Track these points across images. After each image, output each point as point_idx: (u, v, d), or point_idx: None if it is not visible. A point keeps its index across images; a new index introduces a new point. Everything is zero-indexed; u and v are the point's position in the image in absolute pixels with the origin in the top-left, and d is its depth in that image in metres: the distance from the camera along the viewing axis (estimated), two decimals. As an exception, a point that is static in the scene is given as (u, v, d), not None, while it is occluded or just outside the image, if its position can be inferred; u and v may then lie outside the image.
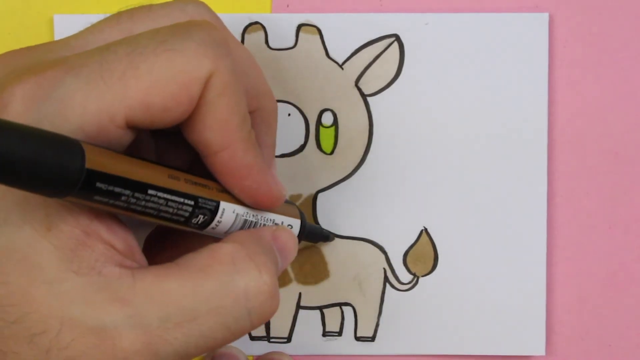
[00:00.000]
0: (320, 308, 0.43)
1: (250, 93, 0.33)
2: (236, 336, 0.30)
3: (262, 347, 0.43)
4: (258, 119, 0.35)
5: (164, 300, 0.29)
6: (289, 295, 0.43)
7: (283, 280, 0.43)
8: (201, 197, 0.31)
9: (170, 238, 0.36)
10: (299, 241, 0.37)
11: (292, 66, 0.42)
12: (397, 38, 0.42)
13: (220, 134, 0.30)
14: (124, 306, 0.28)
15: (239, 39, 0.42)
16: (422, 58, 0.43)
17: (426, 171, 0.43)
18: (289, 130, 0.43)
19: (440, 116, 0.43)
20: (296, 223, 0.37)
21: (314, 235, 0.42)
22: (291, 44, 0.42)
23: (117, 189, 0.28)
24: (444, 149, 0.43)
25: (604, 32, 0.43)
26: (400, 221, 0.43)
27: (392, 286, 0.43)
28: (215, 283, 0.30)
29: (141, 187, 0.29)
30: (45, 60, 0.30)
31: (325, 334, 0.43)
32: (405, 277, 0.43)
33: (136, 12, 0.32)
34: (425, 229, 0.43)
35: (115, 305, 0.28)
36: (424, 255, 0.43)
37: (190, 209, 0.31)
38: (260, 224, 0.34)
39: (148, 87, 0.28)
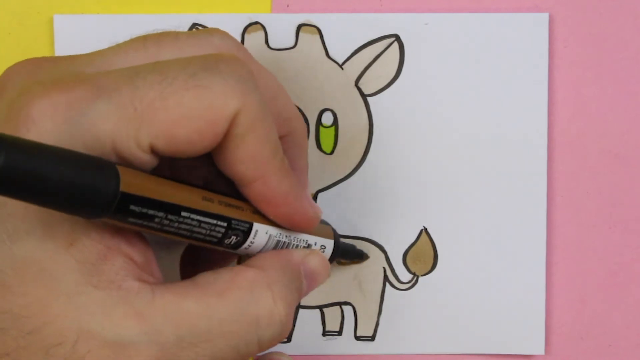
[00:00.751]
0: (320, 307, 0.43)
1: (280, 118, 0.34)
2: (244, 358, 0.31)
3: (262, 347, 0.43)
4: (290, 143, 0.35)
5: (181, 319, 0.29)
6: (289, 295, 0.43)
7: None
8: (234, 219, 0.31)
9: (204, 253, 0.36)
10: (332, 261, 0.37)
11: (292, 66, 0.42)
12: (397, 38, 0.42)
13: (252, 166, 0.31)
14: (141, 322, 0.29)
15: (239, 39, 0.42)
16: (422, 58, 0.43)
17: (426, 171, 0.43)
18: (289, 130, 0.43)
19: (440, 116, 0.43)
20: (329, 243, 0.37)
21: (346, 253, 0.42)
22: (291, 44, 0.42)
23: (151, 212, 0.28)
24: (444, 149, 0.43)
25: (604, 32, 0.43)
26: (400, 221, 0.43)
27: (392, 285, 0.43)
28: (231, 308, 0.30)
29: (175, 209, 0.29)
30: (72, 76, 0.29)
31: (325, 333, 0.44)
32: (405, 276, 0.43)
33: (163, 39, 0.32)
34: (425, 229, 0.43)
35: (133, 321, 0.29)
36: (423, 254, 0.43)
37: (223, 230, 0.31)
38: (293, 244, 0.34)
39: (175, 120, 0.29)
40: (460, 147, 0.43)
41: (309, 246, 0.35)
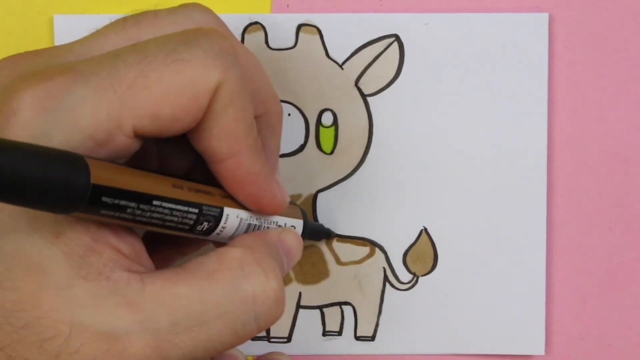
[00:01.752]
0: (320, 307, 0.43)
1: (257, 98, 0.34)
2: (242, 340, 0.31)
3: (262, 347, 0.43)
4: (264, 124, 0.35)
5: (173, 304, 0.29)
6: (289, 294, 0.43)
7: (283, 280, 0.43)
8: (205, 205, 0.31)
9: (169, 238, 0.36)
10: (304, 238, 0.37)
11: (292, 66, 0.42)
12: (397, 38, 0.42)
13: (227, 142, 0.31)
14: (134, 311, 0.29)
15: (239, 39, 0.42)
16: (422, 58, 0.43)
17: (426, 171, 0.43)
18: (289, 130, 0.43)
19: (440, 116, 0.43)
20: (299, 224, 0.37)
21: (315, 233, 0.42)
22: (291, 44, 0.42)
23: (123, 202, 0.28)
24: (444, 149, 0.43)
25: (604, 32, 0.43)
26: (400, 221, 0.43)
27: (392, 286, 0.43)
28: (224, 288, 0.30)
29: (146, 198, 0.29)
30: (52, 66, 0.29)
31: (325, 333, 0.43)
32: (405, 276, 0.43)
33: (142, 18, 0.32)
34: (425, 229, 0.43)
35: (125, 310, 0.28)
36: (423, 254, 0.43)
37: (194, 216, 0.31)
38: (264, 226, 0.34)
39: (157, 98, 0.29)
40: (460, 147, 0.43)
41: (279, 227, 0.35)
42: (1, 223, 0.28)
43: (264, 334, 0.43)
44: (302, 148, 0.43)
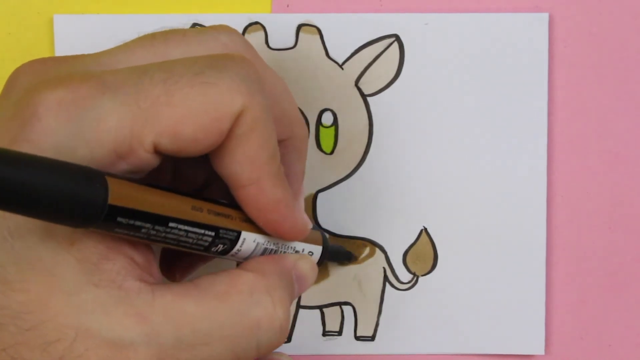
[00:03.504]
0: (320, 307, 0.43)
1: (282, 122, 0.34)
2: None
3: (262, 347, 0.43)
4: (289, 147, 0.35)
5: (180, 321, 0.29)
6: (289, 295, 0.43)
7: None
8: (222, 228, 0.31)
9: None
10: (321, 263, 0.37)
11: (292, 66, 0.42)
12: (397, 38, 0.42)
13: (249, 168, 0.31)
14: (141, 322, 0.29)
15: (239, 39, 0.42)
16: (422, 58, 0.43)
17: (426, 171, 0.43)
18: (289, 130, 0.43)
19: (440, 116, 0.43)
20: (317, 250, 0.37)
21: (336, 256, 0.42)
22: (291, 44, 0.42)
23: (138, 223, 0.28)
24: (444, 149, 0.43)
25: (604, 32, 0.43)
26: (400, 221, 0.43)
27: (392, 286, 0.43)
28: (232, 311, 0.30)
29: (162, 220, 0.29)
30: (79, 73, 0.29)
31: (325, 333, 0.44)
32: (405, 276, 0.43)
33: (170, 36, 0.32)
34: (425, 229, 0.43)
35: (133, 320, 0.29)
36: (423, 254, 0.43)
37: (210, 239, 0.31)
38: (281, 251, 0.34)
39: (180, 117, 0.29)
40: (460, 147, 0.43)
41: (296, 252, 0.35)
42: (17, 225, 0.28)
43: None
44: (302, 148, 0.43)
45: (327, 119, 0.43)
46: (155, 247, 0.32)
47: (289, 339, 0.43)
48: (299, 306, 0.43)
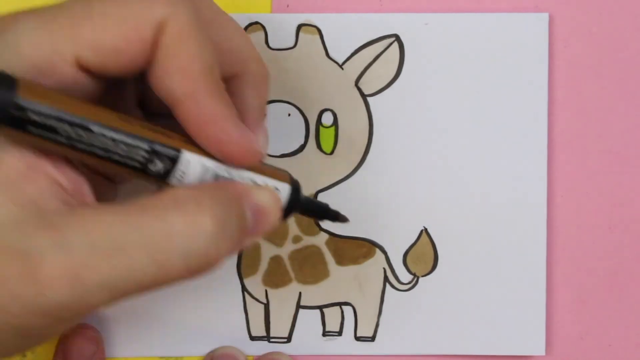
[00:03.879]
0: (320, 308, 0.43)
1: (233, 56, 0.34)
2: (169, 278, 0.29)
3: (262, 347, 0.43)
4: (245, 83, 0.34)
5: (93, 229, 0.28)
6: (289, 294, 0.43)
7: (283, 280, 0.43)
8: (158, 143, 0.30)
9: None
10: (291, 212, 0.35)
11: (292, 66, 0.42)
12: (397, 38, 0.42)
13: (181, 81, 0.30)
14: (52, 233, 0.28)
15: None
16: (422, 58, 0.43)
17: (426, 171, 0.43)
18: (289, 130, 0.43)
19: (440, 116, 0.43)
20: (284, 188, 0.34)
21: (314, 210, 0.37)
22: (291, 44, 0.42)
23: (53, 122, 0.28)
24: (444, 149, 0.43)
25: (604, 32, 0.43)
26: (400, 221, 0.43)
27: (392, 286, 0.43)
28: (151, 219, 0.29)
29: (83, 123, 0.29)
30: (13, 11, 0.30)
31: (325, 333, 0.43)
32: (405, 277, 0.43)
33: None
34: (425, 229, 0.43)
35: (43, 232, 0.28)
36: (424, 255, 0.43)
37: (144, 153, 0.30)
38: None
39: (99, 28, 0.29)
40: (460, 147, 0.43)
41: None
42: None
43: (264, 333, 0.43)
44: (302, 148, 0.43)
45: (327, 119, 0.43)
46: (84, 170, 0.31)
47: (289, 339, 0.43)
48: (299, 306, 0.43)
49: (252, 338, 0.43)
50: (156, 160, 0.30)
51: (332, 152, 0.43)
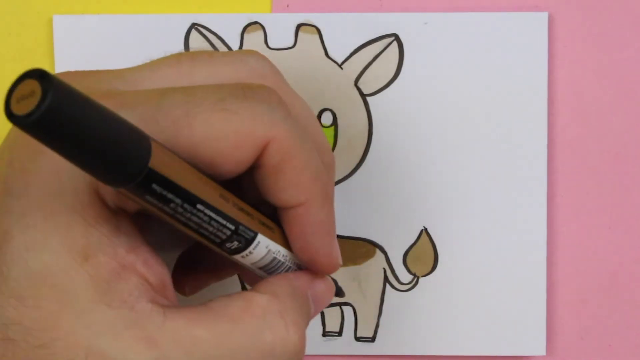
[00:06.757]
0: (320, 308, 0.43)
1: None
2: None
3: (262, 347, 0.43)
4: None
5: (191, 346, 0.29)
6: (288, 295, 0.43)
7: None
8: (242, 225, 0.31)
9: (198, 263, 0.36)
10: (338, 294, 0.37)
11: (292, 66, 0.42)
12: (397, 38, 0.42)
13: (294, 193, 0.31)
14: (151, 346, 0.28)
15: (238, 39, 0.42)
16: (422, 58, 0.43)
17: (426, 171, 0.43)
18: (288, 130, 0.43)
19: (440, 116, 0.43)
20: None
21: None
22: (290, 43, 0.42)
23: (170, 195, 0.28)
24: (444, 149, 0.43)
25: (604, 32, 0.43)
26: (400, 221, 0.43)
27: (392, 286, 0.43)
28: (244, 337, 0.30)
29: (193, 199, 0.28)
30: (100, 90, 0.29)
31: (325, 334, 0.43)
32: (405, 277, 0.43)
33: (197, 57, 0.32)
34: (425, 229, 0.43)
35: (143, 344, 0.28)
36: (424, 255, 0.43)
37: (229, 232, 0.30)
38: (287, 265, 0.34)
39: (198, 140, 0.29)
40: (460, 147, 0.43)
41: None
42: (32, 239, 0.28)
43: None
44: (301, 148, 0.43)
45: (326, 118, 0.43)
46: (169, 259, 0.32)
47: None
48: (298, 306, 0.43)
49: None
50: (235, 240, 0.31)
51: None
